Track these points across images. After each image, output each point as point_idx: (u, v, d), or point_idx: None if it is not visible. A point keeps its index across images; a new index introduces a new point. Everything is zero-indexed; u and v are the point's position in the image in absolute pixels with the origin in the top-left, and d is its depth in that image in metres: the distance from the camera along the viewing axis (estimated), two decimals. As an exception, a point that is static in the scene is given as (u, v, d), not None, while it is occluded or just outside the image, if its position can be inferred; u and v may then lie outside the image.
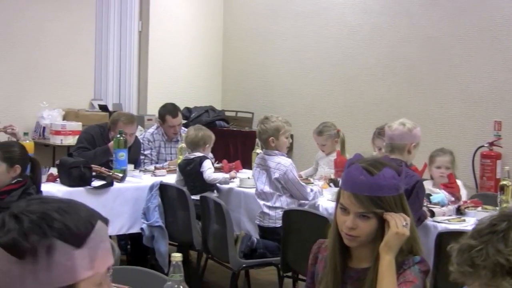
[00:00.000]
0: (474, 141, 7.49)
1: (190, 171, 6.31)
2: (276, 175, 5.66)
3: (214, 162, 6.83)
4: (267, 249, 5.56)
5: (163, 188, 6.25)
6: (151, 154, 7.37)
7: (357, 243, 2.61)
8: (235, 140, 9.53)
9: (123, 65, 9.90)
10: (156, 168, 6.91)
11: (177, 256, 2.41)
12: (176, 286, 2.40)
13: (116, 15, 9.75)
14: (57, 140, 8.42)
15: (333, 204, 5.40)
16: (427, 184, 5.62)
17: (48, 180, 6.01)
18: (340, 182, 2.73)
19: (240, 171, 6.79)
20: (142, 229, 6.22)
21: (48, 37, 8.90)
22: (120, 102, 9.72)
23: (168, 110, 7.44)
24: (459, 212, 5.19)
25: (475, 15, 7.86)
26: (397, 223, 2.54)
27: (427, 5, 8.29)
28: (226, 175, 6.48)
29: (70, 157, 6.33)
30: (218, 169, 6.60)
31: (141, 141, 7.40)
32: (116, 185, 6.13)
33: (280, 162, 5.70)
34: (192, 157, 6.35)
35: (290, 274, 5.75)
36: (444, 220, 4.96)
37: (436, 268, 4.43)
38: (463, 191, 5.68)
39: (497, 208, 5.08)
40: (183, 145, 6.71)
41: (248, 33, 10.27)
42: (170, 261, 2.42)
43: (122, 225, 6.15)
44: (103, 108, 9.25)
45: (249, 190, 6.11)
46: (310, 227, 4.98)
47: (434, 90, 8.20)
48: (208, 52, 10.46)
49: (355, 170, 2.58)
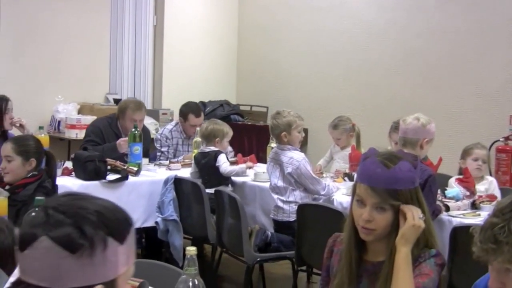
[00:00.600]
0: (490, 136, 7.44)
1: (205, 165, 6.32)
2: (289, 170, 5.66)
3: (232, 156, 6.84)
4: (282, 243, 5.56)
5: (178, 182, 6.26)
6: (168, 152, 7.35)
7: (373, 237, 2.61)
8: (250, 134, 9.53)
9: (138, 60, 9.91)
10: (171, 162, 6.92)
11: (192, 250, 2.41)
12: (191, 280, 2.40)
13: (131, 10, 9.76)
14: (72, 134, 8.44)
15: (348, 198, 5.44)
16: (452, 180, 5.60)
17: (63, 174, 6.02)
18: (356, 176, 2.74)
19: (255, 165, 6.79)
20: (157, 223, 6.23)
21: (64, 32, 8.91)
22: (135, 96, 9.72)
23: (192, 109, 7.39)
24: (474, 207, 5.18)
25: (490, 10, 7.82)
26: (414, 215, 2.55)
27: (442, 0, 8.26)
28: (243, 165, 6.50)
29: (85, 151, 6.35)
30: (233, 164, 6.61)
31: (159, 138, 7.40)
32: (131, 179, 6.14)
33: (293, 157, 5.70)
34: (207, 151, 6.36)
35: (305, 268, 5.76)
36: (459, 215, 4.95)
37: (451, 262, 4.41)
38: (497, 191, 5.63)
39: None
40: (198, 139, 6.71)
41: (263, 28, 10.26)
42: (185, 255, 2.43)
43: (137, 219, 6.15)
44: (118, 102, 9.24)
45: (264, 184, 6.12)
46: (325, 221, 4.97)
47: (449, 85, 8.17)
48: (223, 46, 10.47)
49: (372, 164, 2.59)
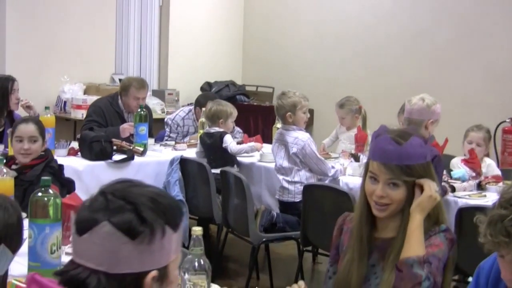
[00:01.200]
0: (496, 117, 7.42)
1: (211, 145, 6.32)
2: (294, 150, 5.67)
3: (241, 137, 6.82)
4: (287, 224, 5.57)
5: (184, 162, 6.26)
6: (176, 138, 7.31)
7: (387, 213, 2.66)
8: (256, 115, 9.52)
9: (144, 40, 9.89)
10: (177, 143, 6.92)
11: (198, 230, 2.42)
12: (197, 260, 2.41)
13: (137, -11, 9.75)
14: (78, 115, 8.43)
15: (353, 179, 5.45)
16: (456, 160, 5.60)
17: (69, 154, 6.03)
18: (369, 153, 2.78)
19: (262, 146, 6.77)
20: (163, 203, 6.22)
21: (70, 12, 8.89)
22: (140, 76, 9.71)
23: (210, 99, 7.22)
24: (480, 188, 5.18)
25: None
26: (431, 187, 2.62)
27: (450, -21, 8.23)
28: (251, 143, 6.47)
29: (91, 131, 6.35)
30: (239, 144, 6.60)
31: (170, 124, 7.38)
32: (137, 159, 6.15)
33: (298, 137, 5.70)
34: (213, 132, 6.35)
35: (310, 249, 5.78)
36: (465, 196, 4.96)
37: (457, 243, 4.41)
38: (498, 171, 5.62)
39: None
40: (203, 120, 6.71)
41: (270, 8, 10.22)
42: (191, 235, 2.43)
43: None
44: (123, 83, 9.25)
45: (270, 165, 6.12)
46: (330, 202, 4.98)
47: (457, 66, 8.14)
48: (229, 27, 10.43)
49: (384, 141, 2.64)
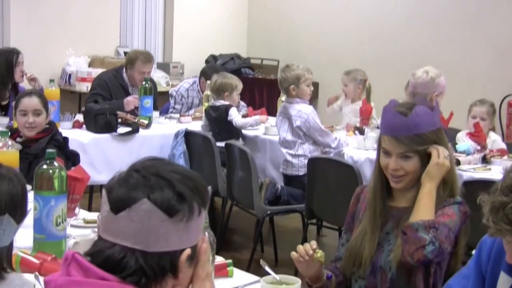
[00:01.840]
0: (501, 91, 7.41)
1: (216, 118, 6.31)
2: (298, 123, 5.66)
3: (245, 111, 6.81)
4: (292, 197, 5.58)
5: (189, 135, 6.27)
6: (181, 110, 7.30)
7: (404, 183, 2.71)
8: (261, 88, 9.50)
9: (149, 12, 9.85)
10: (182, 115, 6.91)
11: (203, 202, 2.43)
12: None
13: (142, -38, 9.70)
14: (83, 87, 8.42)
15: (359, 152, 5.48)
16: (461, 134, 5.60)
17: (74, 127, 6.04)
18: (380, 128, 2.83)
19: (267, 120, 6.77)
20: (168, 176, 6.23)
21: (74, -16, 8.88)
22: (146, 49, 9.69)
23: (216, 71, 7.08)
24: (485, 161, 5.18)
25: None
26: (439, 154, 2.64)
27: (456, -48, 8.17)
28: (256, 117, 6.47)
29: (96, 104, 6.35)
30: (244, 117, 6.60)
31: (174, 95, 7.37)
32: (142, 132, 6.16)
33: (301, 110, 5.69)
34: (218, 105, 6.34)
35: (314, 221, 5.80)
36: (470, 169, 4.95)
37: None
38: (503, 146, 5.61)
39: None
40: (208, 92, 6.70)
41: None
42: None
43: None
44: (129, 56, 9.24)
45: (274, 138, 6.11)
46: (335, 175, 5.00)
47: (462, 40, 8.10)
48: (234, -1, 10.39)
49: (390, 114, 2.70)
